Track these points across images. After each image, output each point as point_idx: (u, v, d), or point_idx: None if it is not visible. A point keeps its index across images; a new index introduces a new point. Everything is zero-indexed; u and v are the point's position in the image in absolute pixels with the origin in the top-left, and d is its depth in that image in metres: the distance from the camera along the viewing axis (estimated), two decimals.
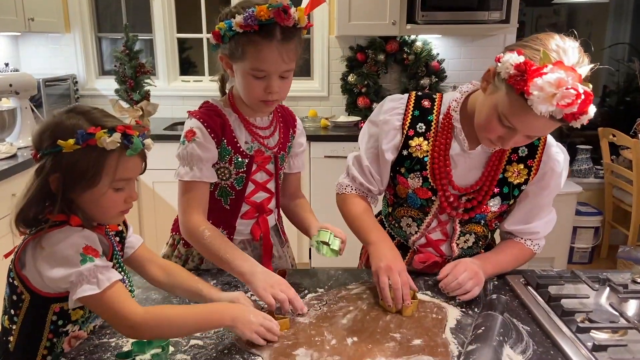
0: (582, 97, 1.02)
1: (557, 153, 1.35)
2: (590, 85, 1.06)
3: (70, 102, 3.66)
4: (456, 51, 3.80)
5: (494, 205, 1.36)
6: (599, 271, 1.39)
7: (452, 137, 1.34)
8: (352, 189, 1.47)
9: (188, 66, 4.07)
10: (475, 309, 1.24)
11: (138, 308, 1.01)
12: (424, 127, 1.36)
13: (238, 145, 1.36)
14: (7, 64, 3.46)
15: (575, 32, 1.13)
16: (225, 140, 1.34)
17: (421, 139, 1.36)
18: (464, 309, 1.24)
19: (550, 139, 1.36)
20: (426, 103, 1.38)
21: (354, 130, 3.47)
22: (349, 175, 1.48)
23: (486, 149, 1.33)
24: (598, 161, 4.04)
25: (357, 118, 3.61)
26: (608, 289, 1.31)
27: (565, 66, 1.04)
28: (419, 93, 1.40)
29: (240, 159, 1.36)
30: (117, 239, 1.17)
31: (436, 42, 3.73)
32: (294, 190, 1.57)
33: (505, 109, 1.13)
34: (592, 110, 1.06)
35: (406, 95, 1.41)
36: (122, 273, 1.15)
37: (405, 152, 1.37)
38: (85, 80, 3.84)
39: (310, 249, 3.43)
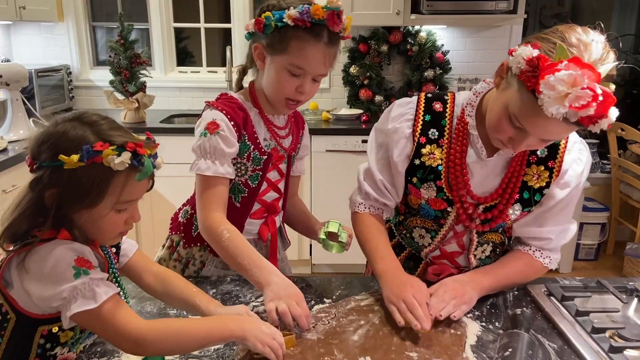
0: (600, 98, 0.91)
1: (580, 151, 1.24)
2: (612, 86, 0.96)
3: (63, 94, 3.54)
4: (461, 42, 3.69)
5: (514, 212, 1.25)
6: (625, 280, 1.31)
7: (467, 144, 1.22)
8: (365, 207, 1.35)
9: (185, 57, 3.96)
10: (497, 323, 1.15)
11: (141, 321, 0.93)
12: (436, 133, 1.25)
13: (258, 141, 1.30)
14: None
15: (602, 25, 1.02)
16: (246, 135, 1.28)
17: (434, 146, 1.25)
18: (484, 324, 1.15)
19: (573, 136, 1.24)
20: (438, 106, 1.26)
21: (356, 124, 3.37)
22: (362, 191, 1.35)
23: (505, 155, 1.22)
24: (604, 155, 3.96)
25: (359, 111, 3.51)
26: (636, 300, 1.21)
27: (583, 63, 0.93)
28: (429, 95, 1.29)
29: (258, 156, 1.31)
30: (114, 249, 1.08)
31: (441, 33, 3.62)
32: (291, 194, 1.50)
33: (515, 108, 1.03)
34: (613, 113, 0.95)
35: (415, 98, 1.30)
36: (117, 285, 1.06)
37: (417, 162, 1.26)
38: (79, 71, 3.73)
39: (310, 247, 3.33)
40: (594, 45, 0.97)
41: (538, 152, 1.23)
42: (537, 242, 1.30)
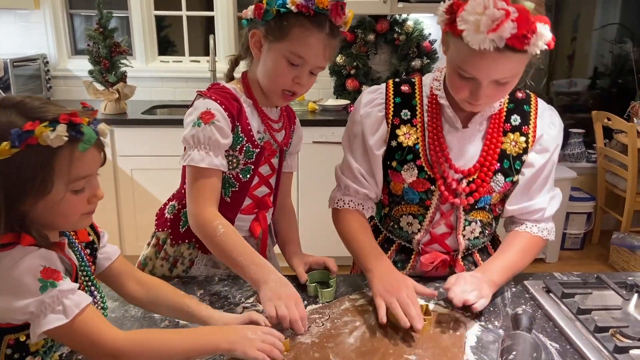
0: (515, 15, 0.94)
1: (551, 116, 1.28)
2: (530, 4, 0.97)
3: (40, 84, 3.43)
4: None
5: (497, 184, 1.25)
6: (624, 274, 1.28)
7: (441, 119, 1.24)
8: (344, 203, 1.33)
9: (167, 46, 3.85)
10: (496, 322, 1.12)
11: (118, 333, 0.87)
12: (408, 113, 1.26)
13: (251, 133, 1.25)
14: None
15: None
16: (239, 127, 1.23)
17: (408, 126, 1.26)
18: (482, 323, 1.12)
19: (541, 102, 1.29)
20: (406, 88, 1.29)
21: (343, 114, 3.31)
22: (341, 186, 1.34)
23: (478, 124, 1.24)
24: (590, 145, 3.96)
25: (346, 101, 3.45)
26: (636, 295, 1.19)
27: None
28: (396, 80, 1.32)
29: (251, 149, 1.26)
30: (88, 251, 1.01)
31: (427, 22, 3.56)
32: (283, 196, 1.44)
33: (457, 60, 1.08)
34: (543, 29, 0.97)
35: (383, 85, 1.32)
36: (94, 288, 0.99)
37: (394, 143, 1.26)
38: (56, 61, 3.60)
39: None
40: None
41: (512, 120, 1.25)
42: (532, 216, 1.30)
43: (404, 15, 3.48)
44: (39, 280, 0.81)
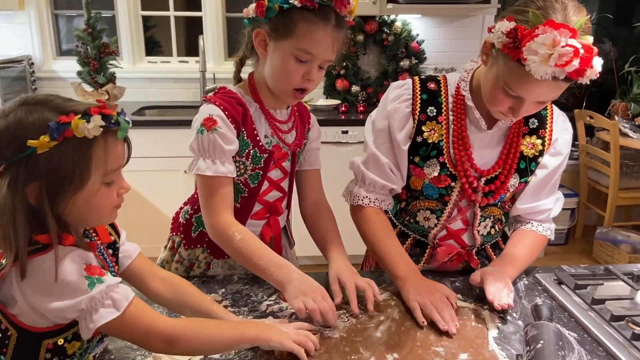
0: (581, 51, 0.98)
1: (564, 121, 1.32)
2: (590, 38, 1.02)
3: (26, 86, 3.37)
4: (435, 32, 3.70)
5: (513, 184, 1.29)
6: (630, 265, 1.33)
7: (466, 118, 1.27)
8: (369, 200, 1.32)
9: (152, 46, 3.82)
10: (514, 314, 1.15)
11: (168, 319, 0.91)
12: (435, 110, 1.28)
13: (258, 138, 1.23)
14: None
15: None
16: (245, 132, 1.21)
17: (434, 122, 1.28)
18: (501, 314, 1.15)
19: (555, 107, 1.33)
20: (432, 85, 1.30)
21: (334, 114, 3.34)
22: (365, 182, 1.33)
23: (501, 126, 1.26)
24: (572, 143, 4.04)
25: (337, 101, 3.47)
26: None
27: (557, 23, 0.99)
28: (422, 77, 1.33)
29: (258, 154, 1.24)
30: (110, 251, 1.00)
31: (415, 23, 3.62)
32: (316, 196, 1.39)
33: (507, 79, 1.10)
34: (597, 63, 1.01)
35: (409, 80, 1.33)
36: None
37: (419, 139, 1.28)
38: (41, 62, 3.54)
39: None
40: (560, 5, 1.03)
41: (530, 123, 1.29)
42: (539, 216, 1.35)
43: (392, 16, 3.53)
44: (85, 277, 0.82)
